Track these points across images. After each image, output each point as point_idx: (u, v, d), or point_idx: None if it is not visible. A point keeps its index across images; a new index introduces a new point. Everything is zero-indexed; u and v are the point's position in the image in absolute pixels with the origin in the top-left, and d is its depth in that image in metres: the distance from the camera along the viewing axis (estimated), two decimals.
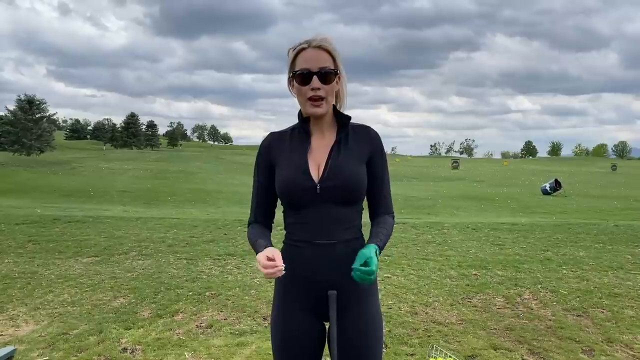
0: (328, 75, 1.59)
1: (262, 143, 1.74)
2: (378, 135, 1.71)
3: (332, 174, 1.59)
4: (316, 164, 1.62)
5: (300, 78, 1.59)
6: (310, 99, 1.59)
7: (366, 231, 1.68)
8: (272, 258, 1.48)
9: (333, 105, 1.67)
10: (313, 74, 1.57)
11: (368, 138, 1.68)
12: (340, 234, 1.62)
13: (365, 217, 1.72)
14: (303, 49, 1.60)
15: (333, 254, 1.61)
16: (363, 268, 1.47)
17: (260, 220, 1.75)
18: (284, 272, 1.48)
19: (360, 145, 1.66)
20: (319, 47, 1.59)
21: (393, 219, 1.74)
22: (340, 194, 1.59)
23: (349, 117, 1.68)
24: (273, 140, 1.71)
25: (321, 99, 1.59)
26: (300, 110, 1.67)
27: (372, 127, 1.72)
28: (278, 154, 1.68)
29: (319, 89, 1.57)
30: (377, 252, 1.55)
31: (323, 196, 1.58)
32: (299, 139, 1.67)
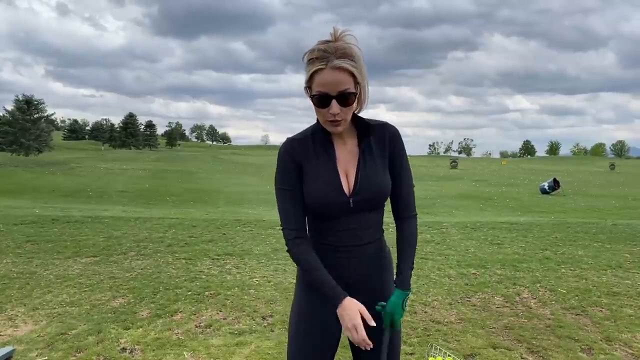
0: (348, 98, 1.50)
1: (283, 150, 1.64)
2: (397, 132, 1.69)
3: (363, 188, 1.60)
4: (344, 175, 1.62)
5: (318, 101, 1.51)
6: (329, 120, 1.54)
7: (387, 231, 1.70)
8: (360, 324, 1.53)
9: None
10: (332, 97, 1.49)
11: (387, 138, 1.66)
12: (367, 237, 1.67)
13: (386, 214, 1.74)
14: (320, 69, 1.48)
15: (360, 254, 1.67)
16: (392, 329, 1.60)
17: (303, 233, 1.66)
18: None
19: (381, 149, 1.65)
20: (339, 68, 1.47)
21: (415, 219, 1.75)
22: (371, 204, 1.63)
23: (369, 124, 1.64)
24: (295, 147, 1.63)
25: (340, 120, 1.54)
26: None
27: (389, 123, 1.68)
28: (304, 161, 1.62)
29: (338, 113, 1.51)
30: (406, 300, 1.63)
31: (354, 209, 1.61)
32: (323, 147, 1.63)
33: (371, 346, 1.53)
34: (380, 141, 1.65)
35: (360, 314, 1.54)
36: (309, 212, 1.65)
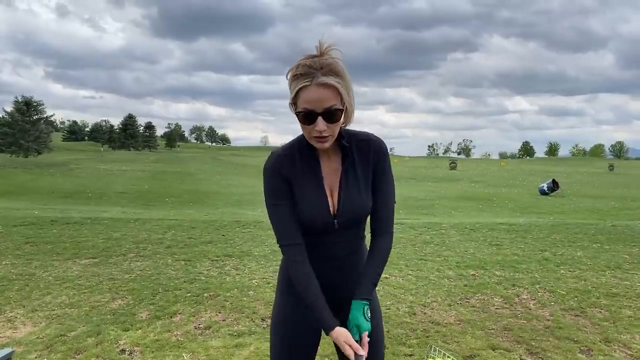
0: (334, 115, 1.49)
1: (270, 166, 1.62)
2: (382, 146, 1.65)
3: (346, 210, 1.61)
4: (330, 195, 1.63)
5: (303, 118, 1.49)
6: (315, 137, 1.52)
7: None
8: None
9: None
10: (318, 114, 1.48)
11: (372, 153, 1.64)
12: (349, 248, 1.70)
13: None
14: (305, 86, 1.46)
15: (344, 264, 1.70)
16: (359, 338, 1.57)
17: (303, 250, 1.62)
18: None
19: (365, 165, 1.64)
20: (324, 85, 1.46)
21: (391, 236, 1.68)
22: (354, 224, 1.65)
23: (353, 139, 1.63)
24: (282, 162, 1.62)
25: (327, 136, 1.52)
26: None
27: (374, 136, 1.66)
28: (291, 176, 1.61)
29: (324, 129, 1.49)
30: (366, 310, 1.60)
31: (339, 228, 1.63)
32: (309, 164, 1.62)
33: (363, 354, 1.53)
34: (364, 157, 1.63)
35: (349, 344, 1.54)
36: None
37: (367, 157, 1.63)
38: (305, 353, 1.77)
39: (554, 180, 22.04)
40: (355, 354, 1.51)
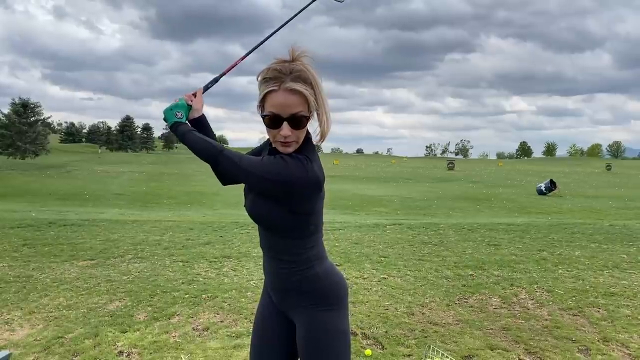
0: (300, 121, 1.52)
1: (263, 144, 1.83)
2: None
3: (249, 205, 1.72)
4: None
5: (269, 121, 1.52)
6: (280, 141, 1.55)
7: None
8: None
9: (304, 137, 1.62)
10: (283, 119, 1.50)
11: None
12: (275, 252, 1.73)
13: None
14: (273, 90, 1.49)
15: (276, 270, 1.75)
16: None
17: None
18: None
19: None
20: (291, 91, 1.48)
21: (221, 152, 1.64)
22: (260, 224, 1.73)
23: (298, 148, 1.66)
24: (263, 149, 1.81)
25: (291, 142, 1.54)
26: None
27: (295, 157, 1.58)
28: None
29: (289, 135, 1.52)
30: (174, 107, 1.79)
31: (255, 221, 1.74)
32: None
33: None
34: None
35: None
36: None
37: None
38: (271, 344, 1.84)
39: (551, 181, 22.06)
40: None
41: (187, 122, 1.78)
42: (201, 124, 1.85)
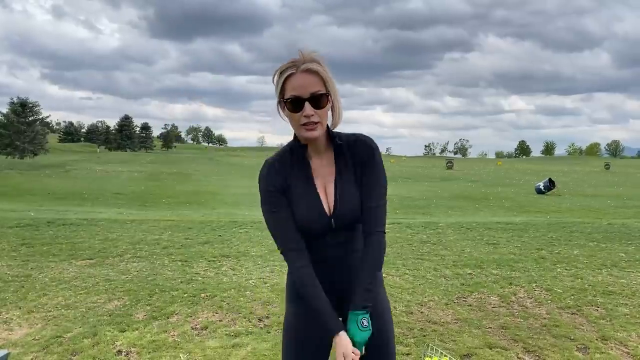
0: (320, 100, 1.54)
1: (264, 175, 1.64)
2: (371, 145, 1.65)
3: (342, 207, 1.61)
4: (324, 195, 1.63)
5: (291, 105, 1.54)
6: (303, 125, 1.55)
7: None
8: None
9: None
10: (304, 100, 1.52)
11: (362, 150, 1.64)
12: (351, 248, 1.67)
13: None
14: (292, 74, 1.53)
15: (348, 265, 1.66)
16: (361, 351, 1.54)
17: (305, 254, 1.62)
18: None
19: (356, 164, 1.64)
20: (308, 71, 1.52)
21: (382, 236, 1.63)
22: (350, 223, 1.64)
23: (343, 139, 1.65)
24: (275, 169, 1.64)
25: (315, 123, 1.55)
26: (294, 134, 1.64)
27: (363, 135, 1.67)
28: (285, 183, 1.63)
29: (312, 115, 1.53)
30: (360, 313, 1.55)
31: (336, 227, 1.62)
32: (301, 167, 1.64)
33: None
34: (355, 156, 1.64)
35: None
36: None
37: (357, 156, 1.64)
38: None
39: (550, 179, 22.09)
40: None
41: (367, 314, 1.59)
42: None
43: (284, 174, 1.63)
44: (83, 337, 3.60)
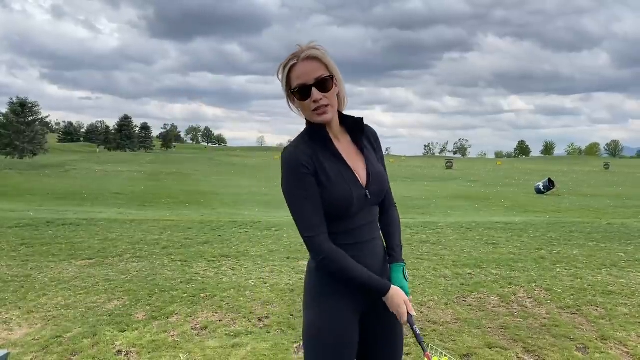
0: (326, 83, 1.59)
1: (294, 159, 1.60)
2: (374, 130, 1.84)
3: (375, 180, 1.69)
4: (356, 170, 1.69)
5: (299, 94, 1.59)
6: (315, 110, 1.59)
7: None
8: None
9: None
10: (311, 86, 1.57)
11: (373, 137, 1.82)
12: (375, 231, 1.75)
13: None
14: (294, 64, 1.59)
15: (374, 248, 1.73)
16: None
17: (326, 231, 1.62)
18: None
19: (370, 142, 1.79)
20: (308, 58, 1.58)
21: (396, 209, 1.87)
22: (381, 196, 1.74)
23: (357, 120, 1.73)
24: (303, 152, 1.62)
25: (325, 106, 1.60)
26: (307, 121, 1.68)
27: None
28: (314, 164, 1.61)
29: (320, 99, 1.58)
30: (405, 272, 1.80)
31: (370, 201, 1.69)
32: (325, 148, 1.64)
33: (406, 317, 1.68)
34: (370, 139, 1.80)
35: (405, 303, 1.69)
36: (328, 215, 1.63)
37: (372, 139, 1.81)
38: None
39: (549, 179, 22.09)
40: (408, 313, 1.67)
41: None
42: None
43: (310, 156, 1.61)
44: (83, 337, 3.60)
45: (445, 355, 3.23)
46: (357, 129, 1.73)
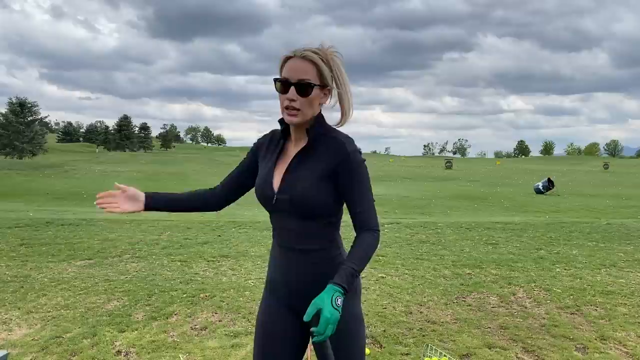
0: (306, 88, 1.56)
1: (263, 136, 1.81)
2: (347, 147, 1.58)
3: (286, 187, 1.61)
4: (281, 173, 1.66)
5: (280, 86, 1.59)
6: (286, 107, 1.58)
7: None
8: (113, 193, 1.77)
9: (319, 116, 1.63)
10: (291, 84, 1.56)
11: (334, 151, 1.58)
12: (310, 244, 1.63)
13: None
14: (291, 57, 1.59)
15: (304, 260, 1.64)
16: (317, 329, 1.39)
17: (219, 187, 1.85)
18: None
19: (324, 159, 1.59)
20: (304, 58, 1.56)
21: (374, 234, 1.59)
22: (291, 207, 1.60)
23: (327, 130, 1.63)
24: (269, 138, 1.78)
25: (296, 109, 1.57)
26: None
27: (345, 137, 1.61)
28: (263, 152, 1.77)
29: (294, 100, 1.56)
30: (339, 290, 1.44)
31: (279, 207, 1.64)
32: (275, 145, 1.74)
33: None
34: (328, 152, 1.59)
35: None
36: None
37: (326, 154, 1.59)
38: (278, 349, 1.71)
39: (549, 179, 22.10)
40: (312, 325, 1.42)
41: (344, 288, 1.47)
42: (157, 203, 1.80)
43: (267, 142, 1.77)
44: (82, 338, 3.60)
45: (444, 356, 3.24)
46: (320, 143, 1.60)
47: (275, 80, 1.60)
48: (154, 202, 1.79)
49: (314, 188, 1.58)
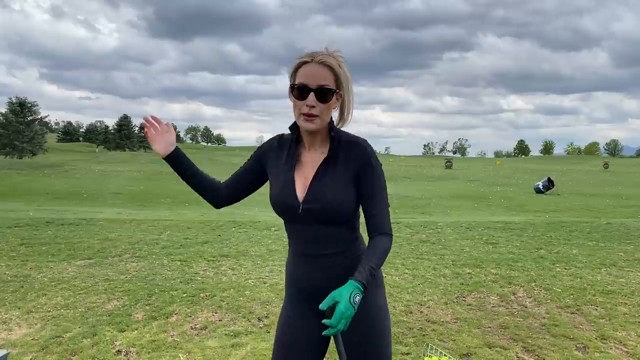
0: (326, 94, 1.54)
1: (267, 141, 1.76)
2: (368, 151, 1.61)
3: (314, 197, 1.58)
4: (302, 182, 1.62)
5: (297, 92, 1.55)
6: (304, 114, 1.56)
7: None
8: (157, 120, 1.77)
9: (331, 121, 1.63)
10: (311, 90, 1.53)
11: (357, 155, 1.60)
12: (331, 248, 1.64)
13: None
14: (306, 62, 1.56)
15: (326, 264, 1.64)
16: (330, 321, 1.39)
17: (223, 185, 1.82)
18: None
19: (348, 164, 1.60)
20: (322, 63, 1.55)
21: (388, 238, 1.59)
22: (321, 216, 1.59)
23: (342, 134, 1.63)
24: (276, 144, 1.73)
25: (315, 115, 1.55)
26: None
27: (363, 141, 1.63)
28: (272, 159, 1.71)
29: (314, 106, 1.54)
30: (358, 287, 1.44)
31: (305, 216, 1.60)
32: (289, 152, 1.68)
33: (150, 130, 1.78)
34: (350, 157, 1.60)
35: None
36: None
37: (353, 157, 1.60)
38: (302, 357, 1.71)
39: (549, 179, 22.10)
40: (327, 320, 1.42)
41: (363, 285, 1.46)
42: (179, 159, 1.80)
43: (276, 148, 1.72)
44: (82, 337, 3.60)
45: (445, 355, 3.23)
46: (332, 147, 1.61)
47: (293, 86, 1.57)
48: (177, 158, 1.78)
49: (344, 195, 1.59)
